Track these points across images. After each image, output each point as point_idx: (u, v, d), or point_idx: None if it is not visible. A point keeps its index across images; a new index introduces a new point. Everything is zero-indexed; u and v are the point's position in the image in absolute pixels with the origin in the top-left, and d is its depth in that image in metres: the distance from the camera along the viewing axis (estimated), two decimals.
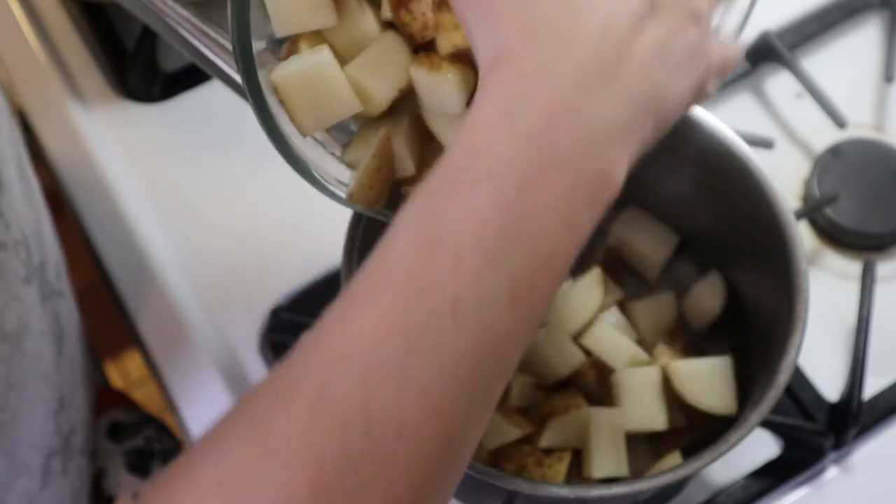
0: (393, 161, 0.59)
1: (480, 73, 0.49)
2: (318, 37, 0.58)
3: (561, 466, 0.69)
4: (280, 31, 0.57)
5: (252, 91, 0.54)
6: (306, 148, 0.58)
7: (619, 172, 0.48)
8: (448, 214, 0.46)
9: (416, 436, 0.44)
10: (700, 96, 0.53)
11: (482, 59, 0.49)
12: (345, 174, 0.61)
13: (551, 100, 0.47)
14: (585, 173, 0.47)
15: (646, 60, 0.49)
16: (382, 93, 0.57)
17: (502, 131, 0.47)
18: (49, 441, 0.73)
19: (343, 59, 0.57)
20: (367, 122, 0.59)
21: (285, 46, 0.59)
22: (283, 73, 0.56)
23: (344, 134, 0.62)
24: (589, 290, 0.74)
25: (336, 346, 0.45)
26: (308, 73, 0.56)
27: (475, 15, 0.50)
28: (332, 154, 0.61)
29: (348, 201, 0.59)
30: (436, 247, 0.45)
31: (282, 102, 0.56)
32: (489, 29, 0.49)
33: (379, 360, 0.44)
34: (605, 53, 0.48)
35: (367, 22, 0.57)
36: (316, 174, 0.58)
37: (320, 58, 0.56)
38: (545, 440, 0.70)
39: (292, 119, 0.56)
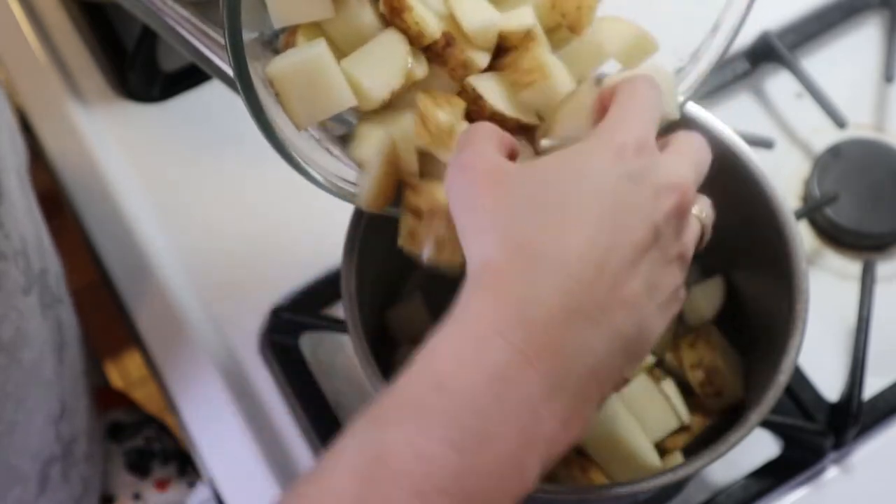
0: (399, 163, 0.59)
1: (467, 277, 0.49)
2: (315, 29, 0.57)
3: (595, 475, 0.69)
4: (277, 23, 0.57)
5: (242, 82, 0.54)
6: (300, 141, 0.58)
7: (576, 426, 0.47)
8: (395, 451, 0.44)
9: None
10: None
11: (470, 263, 0.49)
12: (339, 167, 0.60)
13: (530, 334, 0.45)
14: (542, 429, 0.45)
15: (637, 300, 0.48)
16: (377, 91, 0.57)
17: (470, 365, 0.45)
18: (49, 449, 0.73)
19: (342, 53, 0.57)
20: (367, 114, 0.59)
21: (283, 38, 0.58)
22: (279, 66, 0.55)
23: (340, 124, 0.62)
24: None
25: None
26: (304, 66, 0.55)
27: (468, 222, 0.50)
28: (327, 149, 0.61)
29: (362, 208, 0.59)
30: (378, 485, 0.43)
31: (277, 95, 0.56)
32: (478, 241, 0.49)
33: None
34: (598, 292, 0.47)
35: (366, 14, 0.57)
36: (309, 168, 0.58)
37: (317, 51, 0.55)
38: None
39: (287, 112, 0.56)
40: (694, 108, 0.71)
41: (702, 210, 0.57)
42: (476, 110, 0.58)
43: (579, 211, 0.48)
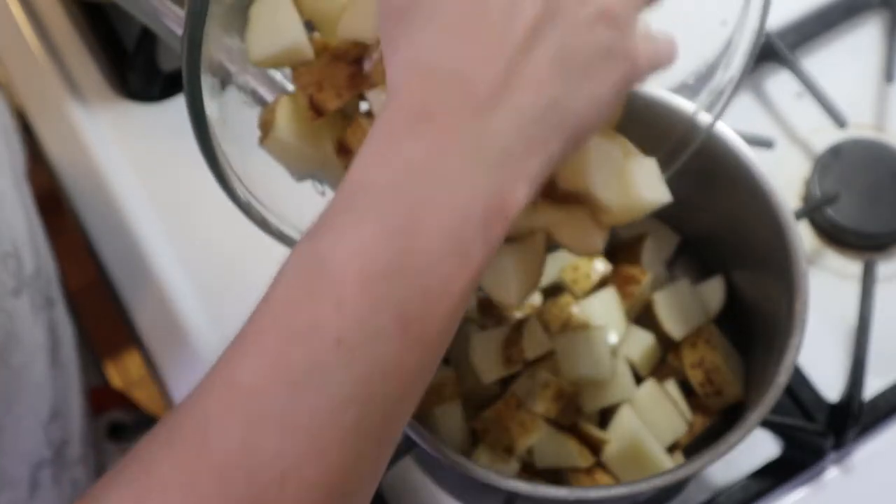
0: None
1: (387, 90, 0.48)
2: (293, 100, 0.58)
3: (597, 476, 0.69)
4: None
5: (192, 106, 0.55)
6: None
7: (516, 197, 0.47)
8: (330, 253, 0.44)
9: (300, 482, 0.42)
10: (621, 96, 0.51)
11: (388, 87, 0.48)
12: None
13: (434, 130, 0.46)
14: (476, 202, 0.45)
15: (540, 73, 0.47)
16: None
17: (385, 163, 0.46)
18: (39, 452, 0.72)
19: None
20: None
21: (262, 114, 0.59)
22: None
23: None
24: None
25: (219, 394, 0.44)
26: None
27: (384, 43, 0.49)
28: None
29: None
30: (318, 288, 0.44)
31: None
32: (388, 60, 0.49)
33: (260, 406, 0.43)
34: (490, 76, 0.46)
35: None
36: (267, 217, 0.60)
37: None
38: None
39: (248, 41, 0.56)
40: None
41: None
42: None
43: (463, 13, 0.47)
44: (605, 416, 0.71)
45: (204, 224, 0.87)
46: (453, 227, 0.45)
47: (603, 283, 0.75)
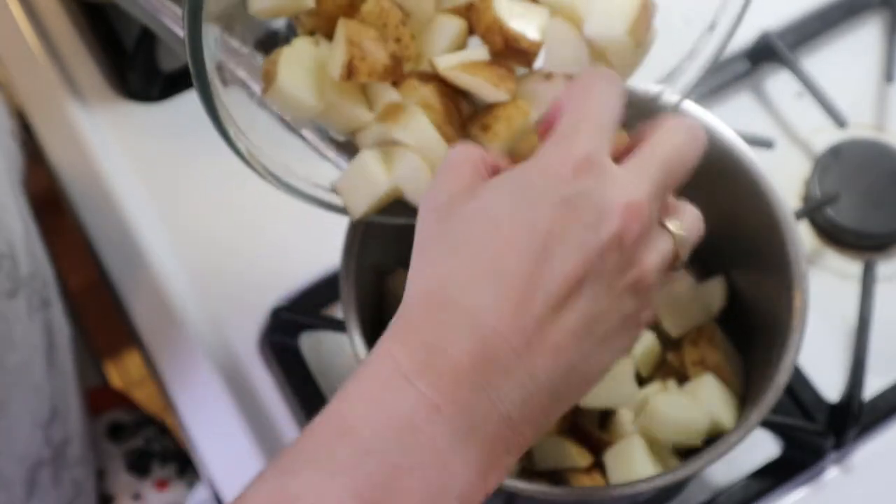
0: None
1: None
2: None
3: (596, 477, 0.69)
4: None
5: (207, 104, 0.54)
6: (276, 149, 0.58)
7: (492, 480, 0.45)
8: (300, 498, 0.42)
9: None
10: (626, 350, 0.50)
11: (401, 307, 0.47)
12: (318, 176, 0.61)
13: (438, 382, 0.44)
14: (456, 479, 0.43)
15: (564, 341, 0.45)
16: None
17: (377, 410, 0.44)
18: (37, 453, 0.72)
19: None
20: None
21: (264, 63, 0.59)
22: None
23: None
24: None
25: None
26: None
27: (412, 263, 0.48)
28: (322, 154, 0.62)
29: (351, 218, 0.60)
30: None
31: None
32: (410, 275, 0.48)
33: None
34: (515, 335, 0.44)
35: None
36: (288, 180, 0.59)
37: None
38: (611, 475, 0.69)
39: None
40: (694, 108, 0.71)
41: (682, 223, 0.53)
42: (474, 17, 0.58)
43: (498, 250, 0.45)
44: (604, 416, 0.71)
45: (204, 224, 0.87)
46: (426, 498, 0.43)
47: None
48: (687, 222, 0.53)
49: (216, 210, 0.88)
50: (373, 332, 0.69)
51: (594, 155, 0.48)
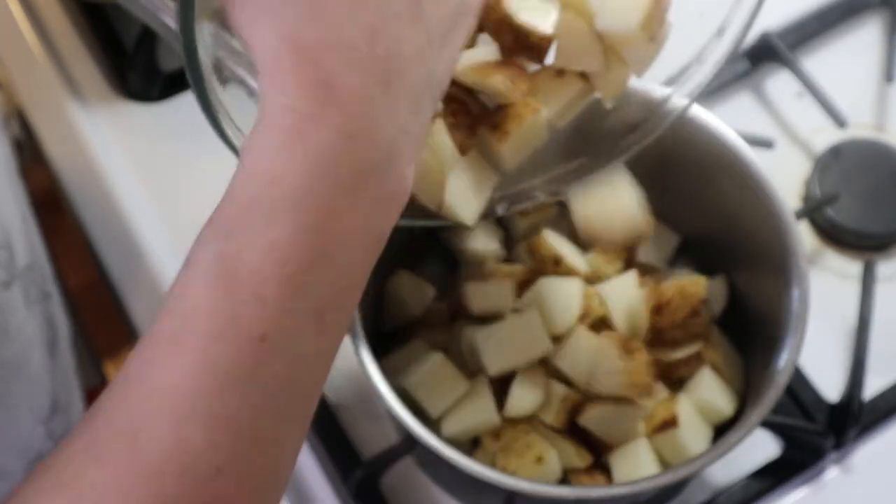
0: None
1: (259, 74, 0.47)
2: None
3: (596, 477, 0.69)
4: None
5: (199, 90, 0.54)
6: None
7: (409, 173, 0.47)
8: (247, 253, 0.44)
9: (235, 471, 0.43)
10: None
11: (257, 54, 0.47)
12: None
13: (343, 119, 0.45)
14: (385, 187, 0.46)
15: (422, 48, 0.48)
16: None
17: (296, 157, 0.45)
18: (38, 446, 0.72)
19: None
20: None
21: None
22: None
23: None
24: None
25: (143, 394, 0.43)
26: None
27: (238, 22, 0.48)
28: None
29: None
30: (237, 286, 0.44)
31: None
32: (253, 39, 0.47)
33: (188, 402, 0.43)
34: (378, 60, 0.46)
35: None
36: None
37: None
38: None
39: None
40: (694, 108, 0.71)
41: None
42: (484, 13, 0.57)
43: None
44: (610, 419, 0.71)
45: (203, 224, 0.87)
46: (368, 217, 0.45)
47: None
48: None
49: None
50: (373, 333, 0.69)
51: None
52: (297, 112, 0.45)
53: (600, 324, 0.69)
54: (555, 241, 0.72)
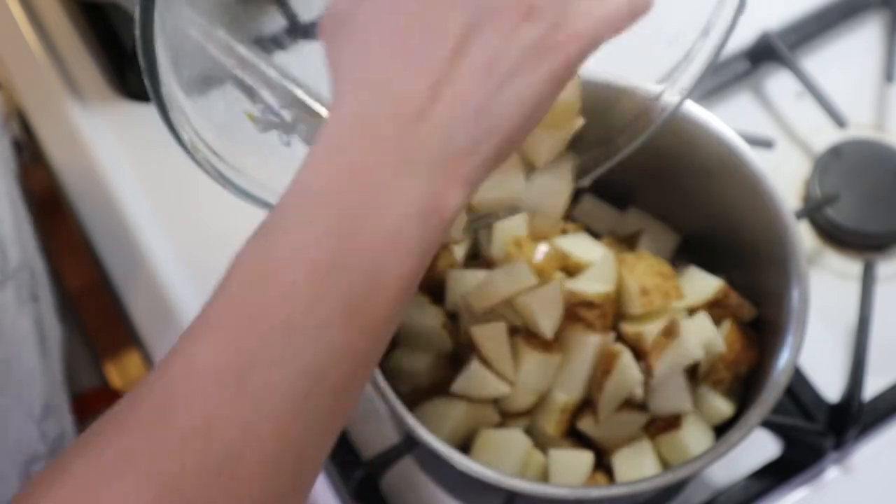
0: None
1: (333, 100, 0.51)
2: None
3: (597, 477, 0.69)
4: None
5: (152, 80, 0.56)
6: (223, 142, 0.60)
7: (449, 200, 0.50)
8: (279, 252, 0.48)
9: (258, 450, 0.46)
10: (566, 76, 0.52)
11: (333, 99, 0.51)
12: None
13: (370, 139, 0.49)
14: (411, 206, 0.49)
15: (465, 84, 0.49)
16: None
17: (325, 171, 0.49)
18: (32, 448, 0.72)
19: None
20: None
21: None
22: None
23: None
24: None
25: (177, 371, 0.47)
26: None
27: (328, 54, 0.52)
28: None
29: None
30: (269, 278, 0.48)
31: None
32: (334, 73, 0.52)
33: (218, 381, 0.46)
34: (419, 89, 0.49)
35: None
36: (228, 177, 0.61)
37: None
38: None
39: None
40: (694, 108, 0.71)
41: None
42: None
43: (393, 26, 0.50)
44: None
45: (204, 224, 0.87)
46: (390, 227, 0.48)
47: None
48: None
49: (216, 210, 0.88)
50: None
51: None
52: (334, 134, 0.50)
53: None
54: (564, 243, 0.72)
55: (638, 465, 0.68)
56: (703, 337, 0.68)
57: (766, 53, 0.91)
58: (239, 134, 0.63)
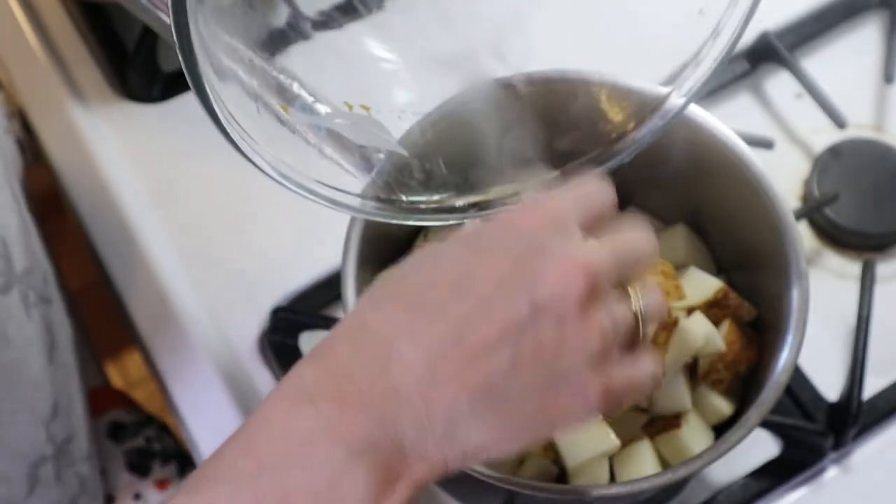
0: None
1: None
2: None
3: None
4: None
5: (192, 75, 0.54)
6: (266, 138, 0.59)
7: (410, 485, 0.47)
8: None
9: None
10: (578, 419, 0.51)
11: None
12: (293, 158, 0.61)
13: (338, 404, 0.46)
14: (346, 498, 0.46)
15: (459, 396, 0.47)
16: None
17: (279, 430, 0.46)
18: (39, 449, 0.72)
19: None
20: None
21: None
22: None
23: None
24: None
25: None
26: None
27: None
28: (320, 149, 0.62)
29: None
30: None
31: None
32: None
33: None
34: (422, 369, 0.46)
35: None
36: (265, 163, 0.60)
37: None
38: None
39: None
40: (694, 108, 0.71)
41: (642, 298, 0.53)
42: None
43: (425, 286, 0.48)
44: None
45: (204, 224, 0.87)
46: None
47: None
48: (649, 298, 0.53)
49: (216, 210, 0.88)
50: None
51: (564, 213, 0.50)
52: (301, 383, 0.48)
53: None
54: None
55: (638, 464, 0.68)
56: (702, 336, 0.68)
57: (765, 54, 0.91)
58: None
